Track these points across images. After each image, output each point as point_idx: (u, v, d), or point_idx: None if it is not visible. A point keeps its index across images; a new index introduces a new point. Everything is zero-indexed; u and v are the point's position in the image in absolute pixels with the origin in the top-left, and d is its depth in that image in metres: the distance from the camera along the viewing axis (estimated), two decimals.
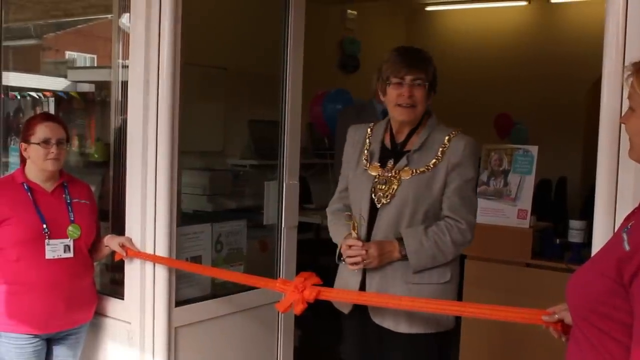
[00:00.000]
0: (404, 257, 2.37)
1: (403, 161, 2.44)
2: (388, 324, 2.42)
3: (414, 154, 2.44)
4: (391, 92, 2.43)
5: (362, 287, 2.45)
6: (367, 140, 2.56)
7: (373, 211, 2.45)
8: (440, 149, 2.41)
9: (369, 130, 2.59)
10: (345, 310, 2.54)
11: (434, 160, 2.40)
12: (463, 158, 2.39)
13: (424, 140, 2.44)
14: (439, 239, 2.36)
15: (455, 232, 2.38)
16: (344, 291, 2.49)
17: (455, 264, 2.48)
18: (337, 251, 2.51)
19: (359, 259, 2.37)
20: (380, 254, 2.37)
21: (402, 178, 2.41)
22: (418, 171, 2.40)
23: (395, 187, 2.40)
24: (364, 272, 2.44)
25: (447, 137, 2.42)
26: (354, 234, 2.40)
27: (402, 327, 2.40)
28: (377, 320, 2.44)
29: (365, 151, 2.54)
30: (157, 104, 2.88)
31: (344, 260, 2.43)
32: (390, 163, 2.46)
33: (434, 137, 2.44)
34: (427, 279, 2.39)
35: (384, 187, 2.43)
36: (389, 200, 2.41)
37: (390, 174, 2.43)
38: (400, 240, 2.38)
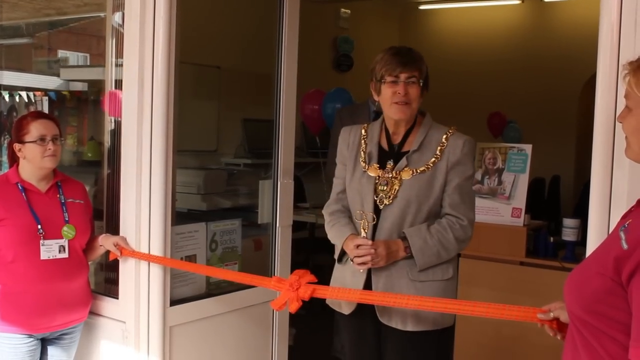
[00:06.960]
0: (409, 256, 2.39)
1: (403, 162, 2.45)
2: (395, 323, 2.42)
3: (413, 154, 2.45)
4: (386, 90, 2.43)
5: (367, 287, 2.44)
6: (363, 142, 2.56)
7: (375, 212, 2.45)
8: (439, 148, 2.44)
9: (363, 131, 2.59)
10: (347, 311, 2.52)
11: (433, 159, 2.43)
12: (462, 156, 2.43)
13: (422, 139, 2.46)
14: (442, 236, 2.40)
15: (457, 228, 2.42)
16: (339, 289, 2.47)
17: (455, 261, 2.54)
18: (339, 252, 2.51)
19: (368, 258, 2.36)
20: (388, 253, 2.39)
21: (403, 178, 2.43)
22: (418, 171, 2.42)
23: (397, 187, 2.42)
24: (369, 272, 2.44)
25: (444, 136, 2.45)
26: (363, 234, 2.41)
27: (410, 326, 2.41)
28: (384, 320, 2.44)
29: (362, 153, 2.54)
30: (151, 102, 2.87)
31: (352, 261, 2.42)
32: (390, 164, 2.47)
33: (431, 136, 2.47)
34: (431, 276, 2.42)
35: (385, 188, 2.44)
36: (391, 201, 2.42)
37: (390, 175, 2.45)
38: (404, 239, 2.40)
